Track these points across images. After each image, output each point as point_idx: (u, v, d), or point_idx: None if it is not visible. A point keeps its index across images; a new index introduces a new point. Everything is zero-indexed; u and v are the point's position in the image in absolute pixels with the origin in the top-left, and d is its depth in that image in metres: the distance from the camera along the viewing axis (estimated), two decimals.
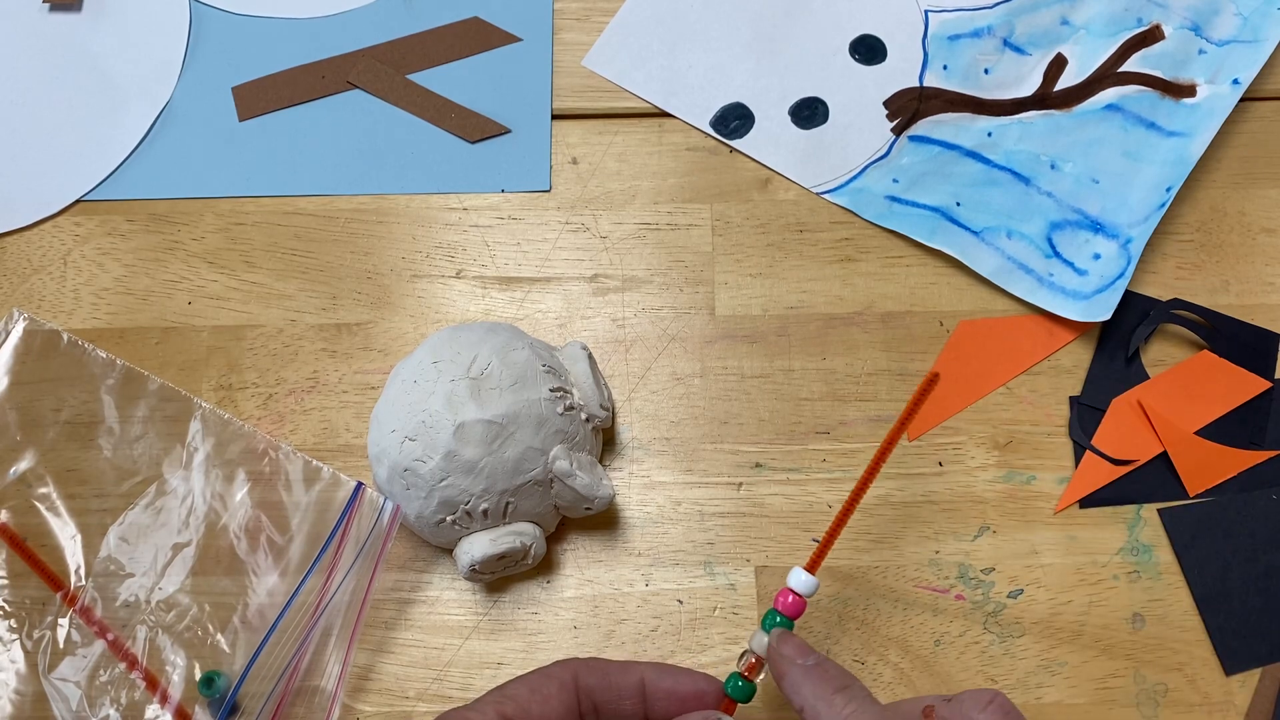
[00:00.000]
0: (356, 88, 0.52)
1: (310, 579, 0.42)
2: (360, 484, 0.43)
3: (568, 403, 0.41)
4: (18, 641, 0.42)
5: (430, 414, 0.39)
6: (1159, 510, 0.44)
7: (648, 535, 0.44)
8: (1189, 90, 0.50)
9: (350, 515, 0.42)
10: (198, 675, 0.41)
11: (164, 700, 0.41)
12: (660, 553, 0.44)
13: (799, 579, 0.36)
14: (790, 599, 0.36)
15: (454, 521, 0.40)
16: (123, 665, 0.41)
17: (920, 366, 0.46)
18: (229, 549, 0.43)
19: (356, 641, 0.41)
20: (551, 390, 0.40)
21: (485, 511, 0.40)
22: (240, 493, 0.44)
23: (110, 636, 0.42)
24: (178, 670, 0.41)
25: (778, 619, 0.36)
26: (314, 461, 0.44)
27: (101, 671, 0.41)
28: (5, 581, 0.43)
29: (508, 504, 0.40)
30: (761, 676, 0.36)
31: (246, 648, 0.41)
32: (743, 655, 0.36)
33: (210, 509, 0.43)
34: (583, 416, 0.42)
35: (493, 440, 0.39)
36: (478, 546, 0.40)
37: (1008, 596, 0.43)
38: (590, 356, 0.43)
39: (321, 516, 0.43)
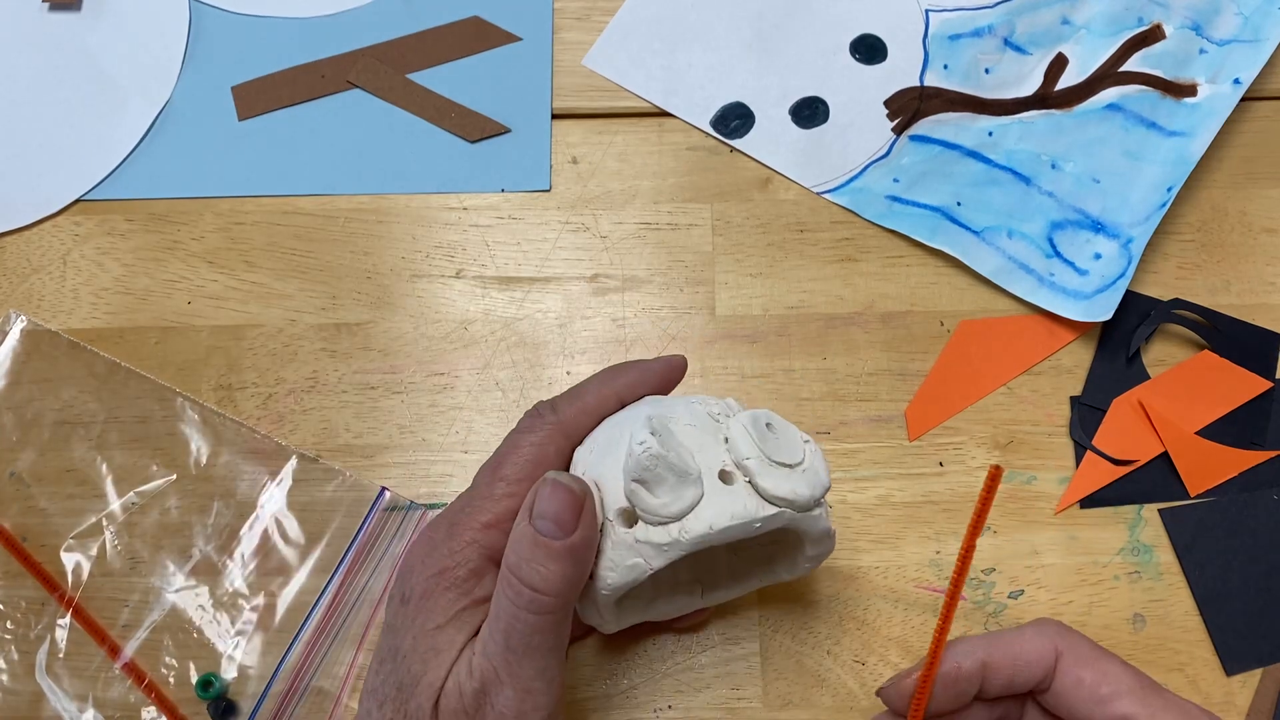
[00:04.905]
0: (356, 88, 0.52)
1: (315, 580, 0.42)
2: (384, 489, 0.43)
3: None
4: (14, 642, 0.42)
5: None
6: (1160, 510, 0.44)
7: None
8: (1190, 90, 0.50)
9: (372, 519, 0.43)
10: (195, 678, 0.41)
11: (161, 703, 0.41)
12: None
13: None
14: None
15: None
16: (119, 667, 0.41)
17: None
18: (230, 551, 0.43)
19: (366, 644, 0.41)
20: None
21: None
22: (241, 494, 0.44)
23: (107, 638, 0.41)
24: (174, 673, 0.41)
25: None
26: (323, 461, 0.44)
27: (99, 673, 0.41)
28: (2, 582, 0.43)
29: None
30: None
31: (247, 651, 0.41)
32: None
33: (212, 510, 0.43)
34: None
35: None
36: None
37: (1008, 597, 0.43)
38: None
39: (323, 517, 0.43)
